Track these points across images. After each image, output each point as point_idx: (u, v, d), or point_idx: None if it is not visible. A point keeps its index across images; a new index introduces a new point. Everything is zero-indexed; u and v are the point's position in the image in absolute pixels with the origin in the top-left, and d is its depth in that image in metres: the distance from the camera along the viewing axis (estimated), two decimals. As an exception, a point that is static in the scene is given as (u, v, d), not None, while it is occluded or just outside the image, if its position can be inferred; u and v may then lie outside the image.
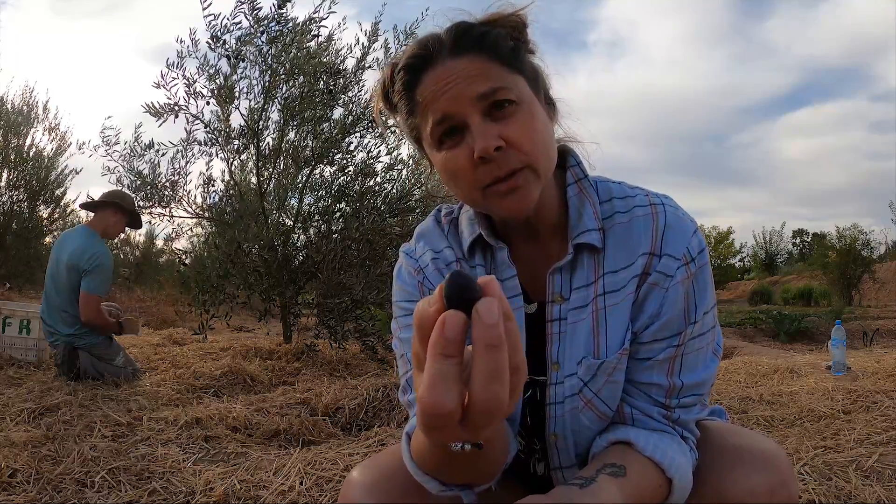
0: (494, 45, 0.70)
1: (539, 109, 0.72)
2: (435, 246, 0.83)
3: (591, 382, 0.74)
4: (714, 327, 0.76)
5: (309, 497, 1.68)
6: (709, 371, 0.75)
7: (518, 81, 0.70)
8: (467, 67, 0.68)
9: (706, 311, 0.74)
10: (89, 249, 3.22)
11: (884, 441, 1.95)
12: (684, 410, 0.74)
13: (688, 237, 0.73)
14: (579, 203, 0.77)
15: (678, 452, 0.71)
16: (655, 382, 0.74)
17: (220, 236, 4.49)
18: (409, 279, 0.81)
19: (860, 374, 3.10)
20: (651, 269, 0.73)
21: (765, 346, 7.42)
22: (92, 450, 1.96)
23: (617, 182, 0.80)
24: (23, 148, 9.85)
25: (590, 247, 0.75)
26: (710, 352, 0.76)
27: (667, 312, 0.73)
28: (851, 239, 17.95)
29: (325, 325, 4.32)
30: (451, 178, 0.72)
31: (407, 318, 0.79)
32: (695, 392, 0.74)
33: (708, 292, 0.75)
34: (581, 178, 0.79)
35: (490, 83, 0.67)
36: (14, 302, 5.00)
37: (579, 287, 0.76)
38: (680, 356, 0.73)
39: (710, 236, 26.78)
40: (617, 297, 0.74)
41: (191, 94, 4.17)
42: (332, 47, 4.64)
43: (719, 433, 0.76)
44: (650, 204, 0.76)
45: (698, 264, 0.73)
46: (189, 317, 7.32)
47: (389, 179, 4.77)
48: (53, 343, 3.29)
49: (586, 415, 0.76)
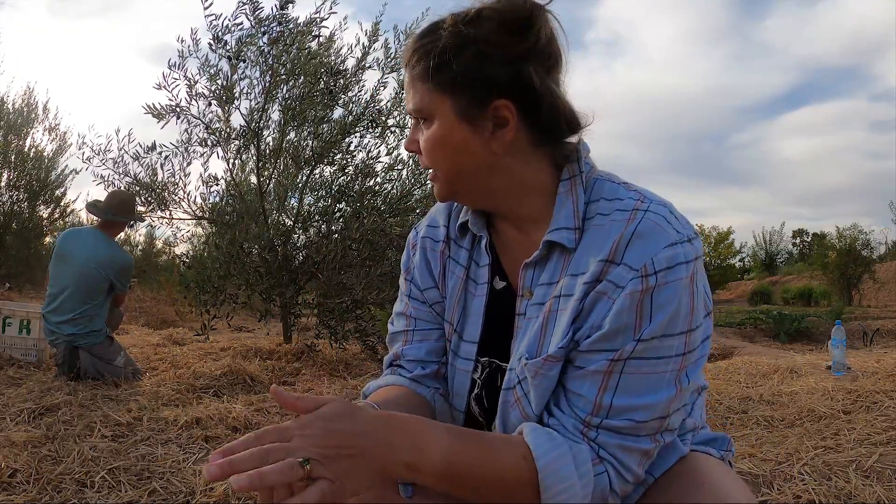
0: (437, 67, 0.74)
1: (453, 128, 0.75)
2: (434, 222, 0.91)
3: (524, 381, 0.75)
4: (682, 355, 0.69)
5: (309, 497, 1.68)
6: (656, 398, 0.68)
7: (441, 103, 0.75)
8: (411, 82, 0.78)
9: (666, 333, 0.67)
10: (118, 259, 3.40)
11: (884, 441, 1.95)
12: (609, 433, 0.68)
13: (656, 248, 0.68)
14: (564, 199, 0.76)
15: (566, 454, 0.67)
16: (582, 394, 0.70)
17: (221, 237, 4.49)
18: (405, 254, 0.93)
19: (860, 374, 3.10)
20: (604, 276, 0.70)
21: (765, 346, 7.42)
22: (92, 450, 1.96)
23: (617, 182, 0.77)
24: (23, 148, 9.87)
25: (560, 245, 0.75)
26: (667, 379, 0.69)
27: (608, 324, 0.68)
28: (851, 239, 17.97)
29: (326, 325, 4.32)
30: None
31: (400, 294, 0.92)
32: (628, 417, 0.68)
33: (668, 312, 0.67)
34: (575, 175, 0.77)
35: (414, 101, 0.77)
36: (14, 302, 5.00)
37: (542, 284, 0.77)
38: (617, 373, 0.68)
39: (710, 236, 26.69)
40: (567, 302, 0.73)
41: (192, 95, 4.18)
42: (333, 47, 4.65)
43: (688, 474, 0.72)
44: (633, 209, 0.71)
45: (661, 279, 0.67)
46: (189, 317, 7.32)
47: (389, 179, 4.78)
48: (54, 342, 3.29)
49: (514, 411, 0.77)
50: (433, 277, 0.88)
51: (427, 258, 0.89)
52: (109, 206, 3.48)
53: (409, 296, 0.90)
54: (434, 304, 0.88)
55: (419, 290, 0.89)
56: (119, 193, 3.67)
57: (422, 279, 0.89)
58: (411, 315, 0.88)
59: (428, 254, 0.89)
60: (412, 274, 0.90)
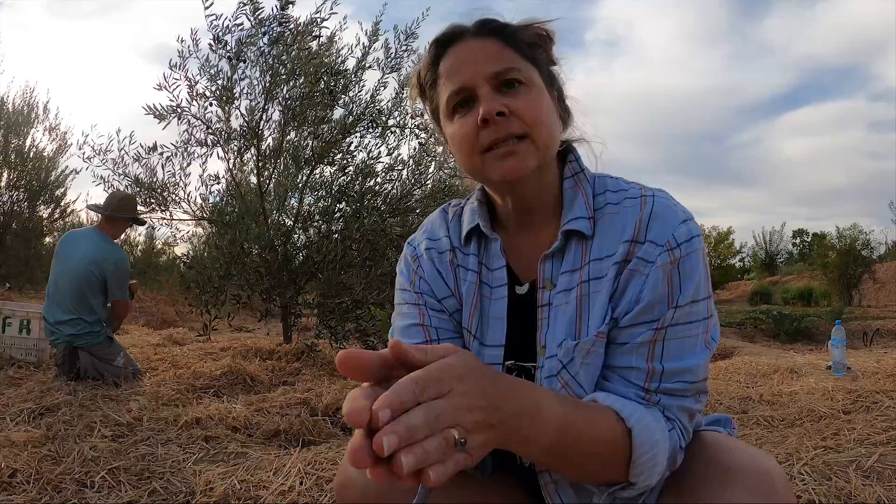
0: (513, 36, 0.79)
1: (547, 97, 0.79)
2: (433, 235, 0.91)
3: (570, 365, 0.76)
4: (707, 319, 0.75)
5: (309, 497, 1.68)
6: (696, 360, 0.73)
7: (531, 69, 0.78)
8: (486, 47, 0.77)
9: (695, 299, 0.73)
10: (110, 256, 3.37)
11: (884, 441, 1.95)
12: (668, 396, 0.73)
13: (674, 225, 0.74)
14: (573, 194, 0.81)
15: (648, 416, 0.69)
16: (634, 366, 0.73)
17: (221, 237, 4.48)
18: (405, 267, 0.90)
19: (860, 374, 3.10)
20: (633, 255, 0.75)
21: (765, 346, 7.42)
22: (92, 450, 1.96)
23: (615, 178, 0.84)
24: (23, 148, 9.86)
25: (578, 234, 0.79)
26: (700, 342, 0.74)
27: (646, 297, 0.73)
28: (851, 239, 17.95)
29: (326, 325, 4.32)
30: (457, 145, 0.79)
31: (403, 307, 0.88)
32: (680, 379, 0.72)
33: (695, 280, 0.73)
34: (578, 172, 0.83)
35: (503, 63, 0.76)
36: (14, 302, 5.00)
37: (565, 272, 0.79)
38: (661, 341, 0.73)
39: (710, 236, 26.73)
40: (600, 284, 0.76)
41: (193, 95, 4.17)
42: (333, 47, 4.64)
43: (714, 446, 0.73)
44: (641, 196, 0.78)
45: (684, 251, 0.73)
46: (189, 317, 7.32)
47: (390, 180, 4.77)
48: (54, 343, 3.30)
49: None
50: (448, 286, 0.87)
51: (437, 268, 0.87)
52: (110, 204, 3.50)
53: (424, 306, 0.86)
54: (454, 313, 0.86)
55: (436, 300, 0.86)
56: (120, 193, 3.70)
57: (437, 289, 0.86)
58: (431, 325, 0.84)
59: (437, 264, 0.88)
60: (422, 286, 0.87)
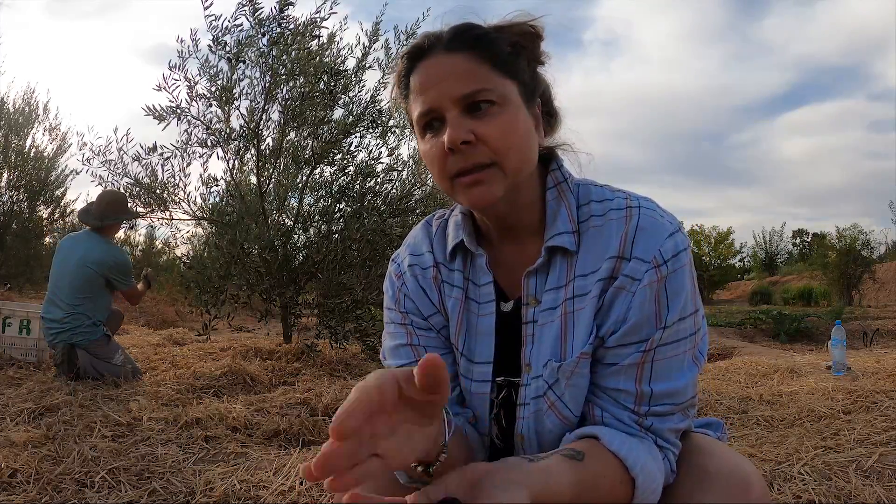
0: (488, 48, 0.73)
1: (522, 115, 0.74)
2: (416, 250, 0.87)
3: (555, 385, 0.75)
4: (694, 335, 0.73)
5: (309, 497, 1.68)
6: (684, 380, 0.72)
7: (505, 85, 0.73)
8: (456, 64, 0.72)
9: (682, 316, 0.72)
10: (110, 257, 3.44)
11: (884, 441, 1.95)
12: (658, 419, 0.72)
13: (660, 240, 0.72)
14: (556, 206, 0.78)
15: (647, 455, 0.69)
16: (623, 388, 0.72)
17: (221, 237, 4.48)
18: (389, 286, 0.88)
19: (860, 374, 3.10)
20: (619, 272, 0.72)
21: (765, 346, 7.41)
22: (92, 450, 1.96)
23: (600, 185, 0.80)
24: (23, 148, 9.85)
25: (562, 250, 0.76)
26: (687, 360, 0.73)
27: (633, 316, 0.71)
28: (851, 239, 17.97)
29: (326, 325, 4.32)
30: (428, 165, 0.76)
31: (390, 326, 0.86)
32: (669, 401, 0.72)
33: (682, 297, 0.72)
34: (561, 182, 0.79)
35: (473, 85, 0.70)
36: (14, 302, 5.00)
37: (550, 289, 0.76)
38: (649, 362, 0.71)
39: (710, 236, 26.71)
40: (584, 301, 0.74)
41: (192, 95, 4.17)
42: (333, 47, 4.64)
43: (697, 451, 0.74)
44: (626, 207, 0.75)
45: (671, 267, 0.71)
46: (189, 317, 7.32)
47: (390, 180, 4.77)
48: (52, 342, 3.30)
49: (549, 418, 0.76)
50: (433, 303, 0.84)
51: (421, 286, 0.85)
52: (99, 210, 3.51)
53: (411, 325, 0.84)
54: (441, 329, 0.84)
55: (422, 319, 0.84)
56: (107, 195, 3.64)
57: (423, 307, 0.84)
58: (419, 344, 0.83)
59: (420, 281, 0.85)
60: (406, 304, 0.85)
